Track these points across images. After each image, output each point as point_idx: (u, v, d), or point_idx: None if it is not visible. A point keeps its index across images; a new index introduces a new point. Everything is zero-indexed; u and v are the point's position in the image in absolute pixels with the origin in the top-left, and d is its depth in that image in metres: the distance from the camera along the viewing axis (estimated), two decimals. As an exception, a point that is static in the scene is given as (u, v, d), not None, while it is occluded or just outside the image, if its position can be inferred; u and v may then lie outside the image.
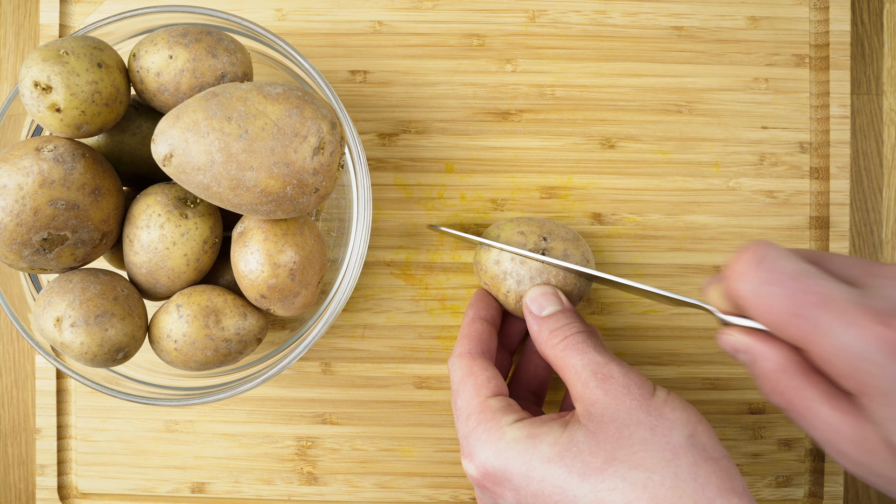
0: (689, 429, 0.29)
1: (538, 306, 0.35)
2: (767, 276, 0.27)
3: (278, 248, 0.32)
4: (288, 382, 0.43)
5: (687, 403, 0.30)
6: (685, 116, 0.42)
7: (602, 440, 0.29)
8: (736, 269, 0.28)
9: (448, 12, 0.42)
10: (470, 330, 0.36)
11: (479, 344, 0.35)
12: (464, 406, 0.33)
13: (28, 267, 0.32)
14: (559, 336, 0.33)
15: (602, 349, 0.32)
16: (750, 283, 0.27)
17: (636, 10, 0.42)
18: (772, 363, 0.28)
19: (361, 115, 0.42)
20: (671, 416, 0.29)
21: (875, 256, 0.44)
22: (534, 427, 0.30)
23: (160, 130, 0.30)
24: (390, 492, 0.43)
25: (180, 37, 0.32)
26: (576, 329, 0.33)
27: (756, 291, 0.27)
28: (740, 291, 0.27)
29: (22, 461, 0.44)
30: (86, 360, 0.32)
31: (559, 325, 0.33)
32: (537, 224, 0.38)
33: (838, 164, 0.42)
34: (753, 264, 0.27)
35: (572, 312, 0.35)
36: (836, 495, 0.42)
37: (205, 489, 0.43)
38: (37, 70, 0.30)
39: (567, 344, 0.32)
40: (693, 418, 0.29)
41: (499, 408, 0.32)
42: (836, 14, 0.42)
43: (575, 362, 0.31)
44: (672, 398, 0.30)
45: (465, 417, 0.32)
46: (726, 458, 0.28)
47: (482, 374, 0.34)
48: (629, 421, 0.29)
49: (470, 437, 0.31)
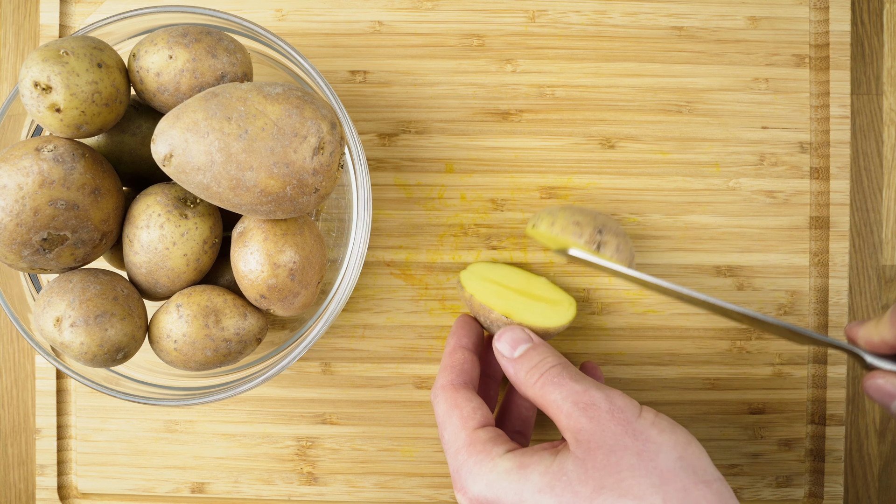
0: (677, 451, 0.28)
1: (508, 348, 0.34)
2: None
3: (278, 248, 0.32)
4: (288, 382, 0.43)
5: (676, 424, 0.30)
6: (685, 116, 0.42)
7: (591, 468, 0.28)
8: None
9: (448, 12, 0.42)
10: (452, 360, 0.36)
11: (461, 374, 0.35)
12: (452, 440, 0.33)
13: (28, 267, 0.32)
14: (535, 374, 0.33)
15: (580, 378, 0.32)
16: None
17: (636, 10, 0.42)
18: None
19: (361, 115, 0.42)
20: (658, 440, 0.29)
21: (875, 256, 0.44)
22: (524, 457, 0.30)
23: (160, 130, 0.30)
24: (390, 492, 0.43)
25: (180, 37, 0.32)
26: (550, 364, 0.33)
27: None
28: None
29: (22, 461, 0.44)
30: (86, 360, 0.32)
31: (533, 363, 0.33)
32: (590, 216, 0.38)
33: (838, 164, 0.42)
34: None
35: (544, 347, 0.34)
36: (836, 495, 0.42)
37: (205, 489, 0.43)
38: (37, 70, 0.30)
39: (545, 381, 0.32)
40: (682, 440, 0.29)
41: (488, 439, 0.32)
42: (836, 14, 0.42)
43: (555, 396, 0.31)
44: (660, 420, 0.30)
45: (454, 451, 0.32)
46: (719, 480, 0.28)
47: (467, 405, 0.33)
48: (616, 447, 0.28)
49: (461, 471, 0.31)
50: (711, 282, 0.42)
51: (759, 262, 0.42)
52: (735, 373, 0.42)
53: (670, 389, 0.42)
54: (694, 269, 0.42)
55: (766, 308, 0.42)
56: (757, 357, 0.42)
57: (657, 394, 0.42)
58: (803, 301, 0.42)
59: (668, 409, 0.42)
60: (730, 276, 0.42)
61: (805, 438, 0.43)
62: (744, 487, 0.42)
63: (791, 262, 0.42)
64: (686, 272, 0.42)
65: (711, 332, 0.42)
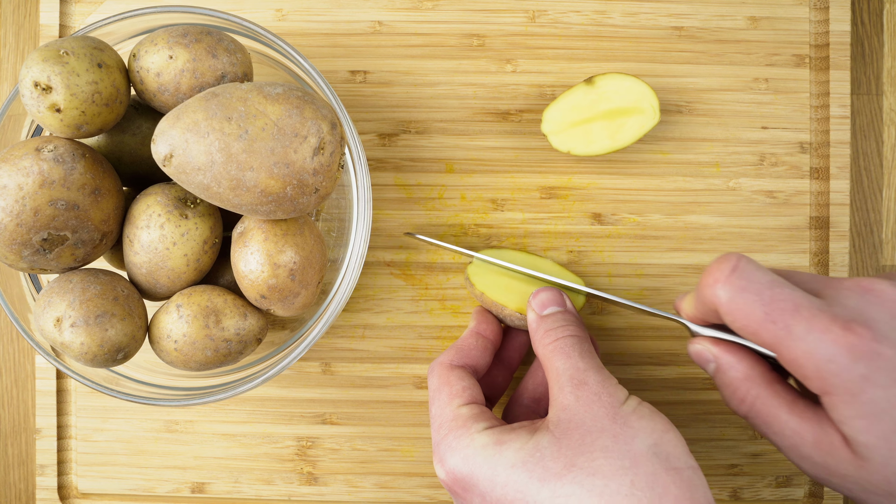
0: (653, 437, 0.29)
1: (541, 304, 0.36)
2: (743, 285, 0.29)
3: (278, 248, 0.32)
4: (288, 382, 0.43)
5: (657, 412, 0.30)
6: (685, 116, 0.42)
7: (565, 446, 0.29)
8: (712, 278, 0.29)
9: (448, 12, 0.42)
10: (462, 343, 0.37)
11: (463, 357, 0.36)
12: (437, 414, 0.33)
13: (28, 267, 0.32)
14: (552, 337, 0.34)
15: (588, 356, 0.32)
16: (727, 291, 0.29)
17: (636, 10, 0.42)
18: (738, 372, 0.31)
19: (361, 115, 0.42)
20: (636, 425, 0.29)
21: (875, 256, 0.44)
22: (502, 434, 0.30)
23: (160, 130, 0.30)
24: (390, 492, 0.43)
25: (180, 37, 0.32)
26: (569, 332, 0.34)
27: (733, 298, 0.29)
28: (717, 299, 0.29)
29: (22, 461, 0.44)
30: (86, 360, 0.32)
31: (555, 325, 0.34)
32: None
33: (838, 164, 0.42)
34: (729, 273, 0.29)
35: (572, 315, 0.35)
36: (836, 495, 0.42)
37: (205, 489, 0.43)
38: (37, 70, 0.30)
39: (556, 346, 0.33)
40: (660, 427, 0.29)
41: (470, 415, 0.32)
42: (836, 14, 0.42)
43: (558, 365, 0.32)
44: (641, 407, 0.30)
45: (437, 425, 0.33)
46: (692, 468, 0.28)
47: (458, 383, 0.34)
48: (593, 428, 0.29)
49: (441, 444, 0.32)
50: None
51: (759, 262, 0.42)
52: (735, 373, 0.42)
53: (670, 389, 0.42)
54: (694, 269, 0.42)
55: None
56: (757, 357, 0.42)
57: (657, 394, 0.42)
58: (803, 301, 0.42)
59: (668, 409, 0.42)
60: (730, 276, 0.42)
61: (805, 438, 0.43)
62: (744, 487, 0.42)
63: (791, 262, 0.42)
64: (686, 272, 0.42)
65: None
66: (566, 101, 0.39)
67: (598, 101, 0.39)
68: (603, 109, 0.39)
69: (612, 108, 0.39)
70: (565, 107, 0.39)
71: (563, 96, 0.40)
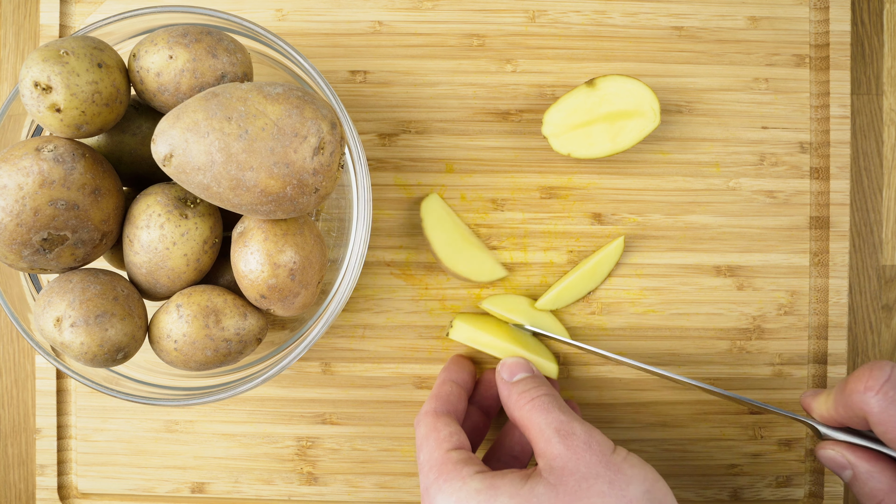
0: (646, 485, 0.30)
1: (509, 373, 0.37)
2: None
3: (278, 248, 0.32)
4: (288, 382, 0.43)
5: (645, 462, 0.31)
6: (685, 116, 0.42)
7: (562, 492, 0.29)
8: (863, 385, 0.30)
9: (448, 12, 0.42)
10: (439, 391, 0.38)
11: (445, 404, 0.37)
12: (426, 459, 0.34)
13: (28, 267, 0.32)
14: (527, 398, 0.34)
15: (565, 410, 0.33)
16: (880, 401, 0.29)
17: (636, 10, 0.42)
18: (882, 483, 0.31)
19: (361, 115, 0.42)
20: (629, 472, 0.30)
21: (875, 256, 0.44)
22: (495, 479, 0.31)
23: (160, 130, 0.30)
24: (390, 492, 0.43)
25: (180, 37, 0.32)
26: (542, 392, 0.35)
27: (886, 409, 0.29)
28: (869, 407, 0.30)
29: (22, 461, 0.44)
30: (86, 360, 0.32)
31: (527, 388, 0.35)
32: None
33: (838, 164, 0.42)
34: (884, 382, 0.29)
35: (540, 378, 0.36)
36: (836, 495, 0.42)
37: (205, 489, 0.43)
38: (37, 70, 0.30)
39: (533, 405, 0.34)
40: (651, 476, 0.30)
41: (459, 460, 0.32)
42: (836, 14, 0.42)
43: (539, 420, 0.33)
44: (631, 456, 0.31)
45: (427, 469, 0.33)
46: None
47: (445, 429, 0.35)
48: (588, 474, 0.30)
49: (431, 489, 0.32)
50: (711, 282, 0.42)
51: (759, 262, 0.42)
52: (735, 373, 0.42)
53: (670, 389, 0.42)
54: (694, 269, 0.42)
55: (767, 308, 0.42)
56: (757, 357, 0.42)
57: (657, 394, 0.42)
58: (803, 301, 0.42)
59: (668, 409, 0.42)
60: (730, 276, 0.42)
61: (805, 438, 0.43)
62: (744, 487, 0.42)
63: (791, 262, 0.42)
64: (686, 272, 0.42)
65: (711, 332, 0.42)
66: (567, 103, 0.39)
67: (598, 103, 0.39)
68: (604, 112, 0.39)
69: (612, 110, 0.39)
70: (566, 109, 0.39)
71: (563, 98, 0.40)
